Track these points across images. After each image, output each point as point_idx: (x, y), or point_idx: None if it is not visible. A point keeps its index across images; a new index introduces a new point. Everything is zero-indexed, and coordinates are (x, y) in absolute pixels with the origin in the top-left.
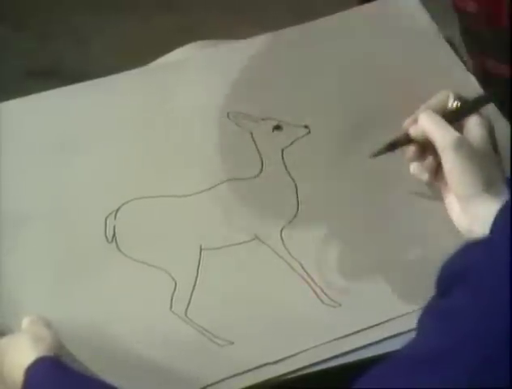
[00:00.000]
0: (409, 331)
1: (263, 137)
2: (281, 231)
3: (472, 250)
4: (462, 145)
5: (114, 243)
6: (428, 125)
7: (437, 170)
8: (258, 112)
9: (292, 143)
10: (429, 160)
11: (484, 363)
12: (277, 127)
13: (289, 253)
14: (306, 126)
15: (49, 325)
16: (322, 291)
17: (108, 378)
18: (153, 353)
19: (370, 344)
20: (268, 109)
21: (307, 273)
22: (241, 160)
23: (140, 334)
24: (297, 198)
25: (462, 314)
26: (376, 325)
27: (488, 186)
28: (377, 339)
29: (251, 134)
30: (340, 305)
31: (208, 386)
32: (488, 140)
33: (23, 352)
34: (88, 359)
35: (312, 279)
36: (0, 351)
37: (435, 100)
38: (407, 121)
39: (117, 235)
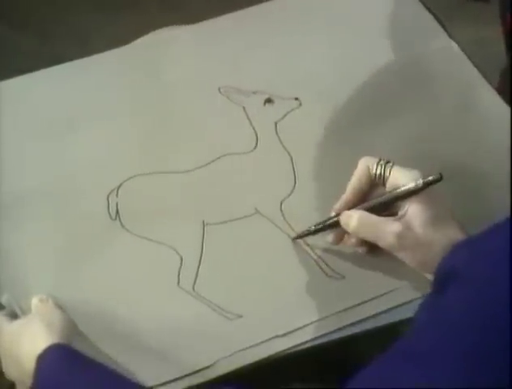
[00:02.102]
0: (412, 300)
1: (255, 111)
2: (281, 204)
3: (465, 248)
4: (405, 240)
5: (118, 220)
6: (363, 229)
7: None
8: (249, 85)
9: (284, 116)
10: (355, 240)
11: (479, 360)
12: (268, 100)
13: (290, 226)
14: (297, 99)
15: (58, 305)
16: (325, 263)
17: (117, 355)
18: (162, 329)
19: (375, 315)
20: (258, 83)
21: (309, 246)
22: (235, 135)
23: (148, 310)
24: (294, 171)
25: (455, 311)
26: (380, 296)
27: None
28: (381, 309)
29: (243, 108)
30: (344, 277)
31: (220, 359)
32: (431, 221)
33: (35, 339)
34: (96, 336)
35: (314, 252)
36: (14, 336)
37: (356, 176)
38: (336, 208)
39: (120, 212)
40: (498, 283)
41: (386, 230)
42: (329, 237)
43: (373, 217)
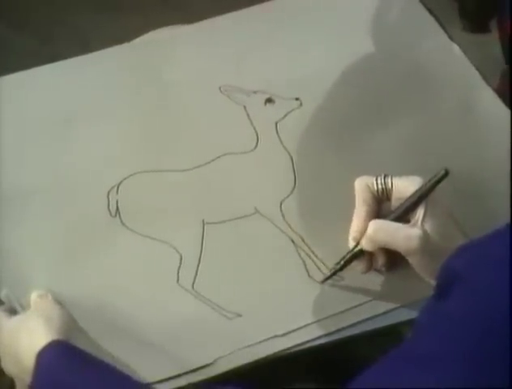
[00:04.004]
0: (410, 303)
1: (256, 110)
2: (280, 205)
3: (467, 251)
4: (426, 244)
5: (118, 217)
6: (382, 237)
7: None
8: (250, 85)
9: (285, 116)
10: (382, 261)
11: (479, 362)
12: (269, 100)
13: (290, 227)
14: (298, 99)
15: (57, 301)
16: (324, 265)
17: (116, 352)
18: (162, 326)
19: (374, 317)
20: (259, 82)
21: (309, 247)
22: (236, 134)
23: (147, 307)
24: (294, 171)
25: (455, 313)
26: (379, 298)
27: None
28: (380, 311)
29: (244, 107)
30: (343, 278)
31: (219, 358)
32: (445, 227)
33: (34, 335)
34: (96, 333)
35: (313, 253)
36: (13, 333)
37: (360, 199)
38: (353, 237)
39: (120, 209)
40: (498, 286)
41: (404, 234)
42: (358, 267)
43: (390, 223)
